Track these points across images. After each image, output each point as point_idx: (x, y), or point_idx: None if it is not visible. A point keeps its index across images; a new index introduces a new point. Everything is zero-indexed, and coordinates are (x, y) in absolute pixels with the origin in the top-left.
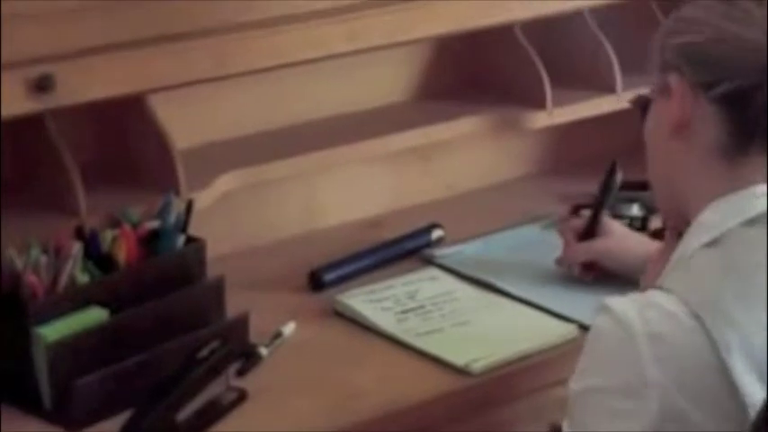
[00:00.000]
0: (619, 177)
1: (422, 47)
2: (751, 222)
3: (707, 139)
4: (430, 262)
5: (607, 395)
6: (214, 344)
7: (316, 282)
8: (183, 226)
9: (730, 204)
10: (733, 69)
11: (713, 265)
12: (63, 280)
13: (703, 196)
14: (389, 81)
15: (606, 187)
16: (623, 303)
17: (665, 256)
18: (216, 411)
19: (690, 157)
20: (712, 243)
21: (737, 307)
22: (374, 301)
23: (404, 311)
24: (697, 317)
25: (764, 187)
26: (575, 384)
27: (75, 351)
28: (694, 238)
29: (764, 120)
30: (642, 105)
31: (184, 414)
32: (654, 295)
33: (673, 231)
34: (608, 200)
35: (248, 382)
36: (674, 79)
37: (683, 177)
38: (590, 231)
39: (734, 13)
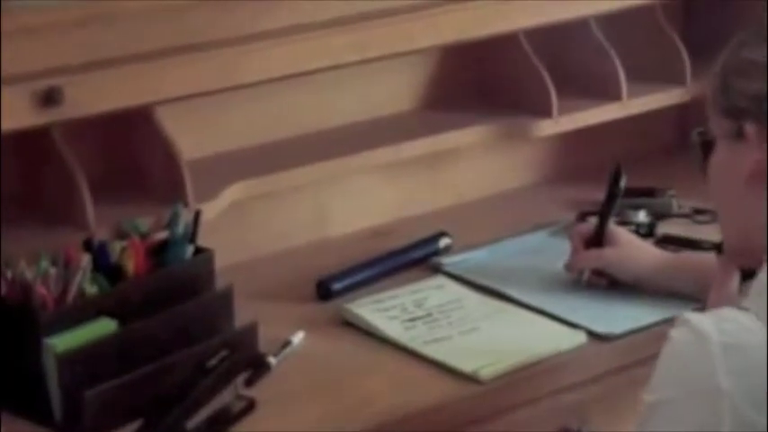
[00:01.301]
0: (623, 183)
1: (428, 56)
2: None
3: None
4: (437, 270)
5: (680, 405)
6: (223, 353)
7: (324, 291)
8: (191, 237)
9: None
10: None
11: None
12: (72, 291)
13: None
14: (396, 90)
15: (611, 194)
16: (700, 316)
17: (722, 286)
18: (225, 420)
19: (762, 201)
20: None
21: None
22: (382, 309)
23: (412, 319)
24: None
25: None
26: (648, 396)
27: (85, 362)
28: None
29: None
30: (704, 146)
31: (194, 423)
32: (730, 311)
33: (736, 266)
34: (614, 206)
35: (257, 392)
36: (751, 127)
37: (755, 219)
38: (597, 239)
39: None
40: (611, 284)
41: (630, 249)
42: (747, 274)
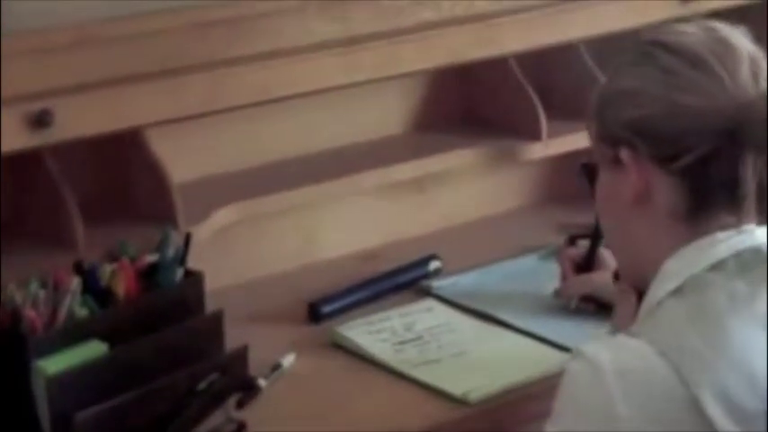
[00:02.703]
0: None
1: (417, 79)
2: (714, 267)
3: (667, 205)
4: (427, 293)
5: None
6: (213, 376)
7: (314, 314)
8: (181, 259)
9: (693, 251)
10: (693, 141)
11: (679, 311)
12: (62, 314)
13: (665, 252)
14: (385, 114)
15: None
16: (594, 346)
17: (623, 311)
18: None
19: (649, 220)
20: (677, 290)
21: (705, 348)
22: (372, 332)
23: (401, 342)
24: (664, 354)
25: (726, 232)
26: (551, 428)
27: (75, 385)
28: (660, 286)
29: (726, 183)
30: (589, 174)
31: None
32: (622, 338)
33: (629, 288)
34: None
35: (248, 414)
36: (626, 154)
37: (643, 240)
38: (587, 262)
39: (680, 83)
40: (599, 308)
41: None
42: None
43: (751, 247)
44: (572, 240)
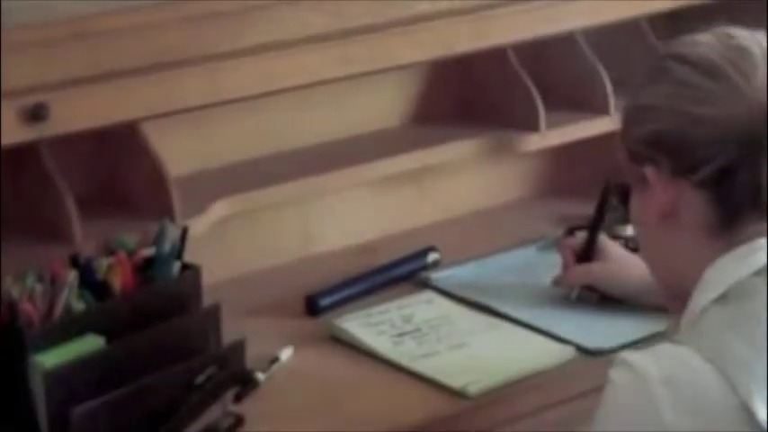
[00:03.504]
0: (613, 199)
1: (415, 71)
2: (757, 274)
3: (696, 220)
4: (426, 285)
5: None
6: (211, 370)
7: (312, 307)
8: (178, 253)
9: (733, 260)
10: (711, 151)
11: (723, 318)
12: (59, 308)
13: (702, 264)
14: (383, 106)
15: (601, 209)
16: (638, 355)
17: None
18: None
19: (681, 235)
20: (721, 298)
21: (751, 354)
22: (370, 325)
23: (400, 335)
24: (712, 361)
25: (764, 239)
26: None
27: (72, 379)
28: (702, 295)
29: (751, 191)
30: (621, 193)
31: None
32: (666, 347)
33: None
34: (603, 221)
35: (245, 408)
36: (650, 171)
37: (677, 256)
38: (587, 253)
39: (695, 95)
40: (601, 299)
41: (620, 264)
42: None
43: None
44: (571, 231)
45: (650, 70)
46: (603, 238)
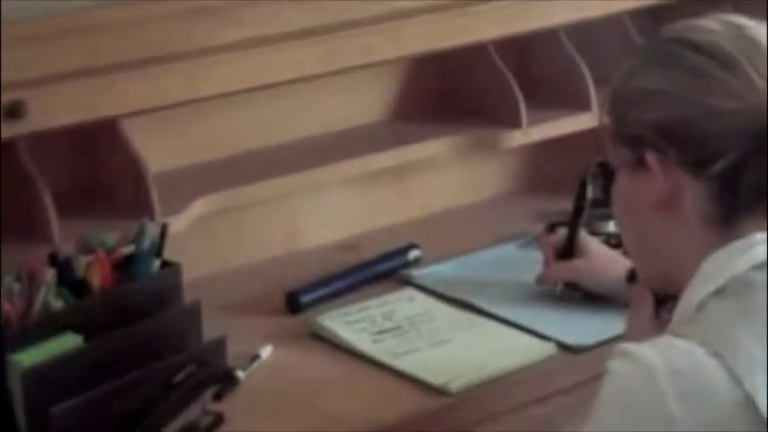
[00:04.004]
0: (590, 193)
1: (396, 67)
2: (755, 268)
3: (697, 211)
4: (407, 282)
5: None
6: (191, 368)
7: (292, 304)
8: (157, 251)
9: (731, 253)
10: (725, 145)
11: (726, 311)
12: (37, 306)
13: (697, 256)
14: (364, 102)
15: (578, 204)
16: (639, 346)
17: (640, 313)
18: None
19: (676, 225)
20: (720, 291)
21: (757, 347)
22: (351, 322)
23: (381, 332)
24: (717, 355)
25: (762, 234)
26: (592, 429)
27: (51, 377)
28: (699, 288)
29: (756, 186)
30: (606, 174)
31: None
32: (670, 339)
33: (652, 292)
34: (582, 217)
35: (225, 406)
36: (652, 157)
37: (669, 244)
38: (567, 250)
39: (712, 86)
40: (585, 296)
41: (601, 260)
42: (661, 300)
43: None
44: (552, 228)
45: (657, 54)
46: (584, 235)
